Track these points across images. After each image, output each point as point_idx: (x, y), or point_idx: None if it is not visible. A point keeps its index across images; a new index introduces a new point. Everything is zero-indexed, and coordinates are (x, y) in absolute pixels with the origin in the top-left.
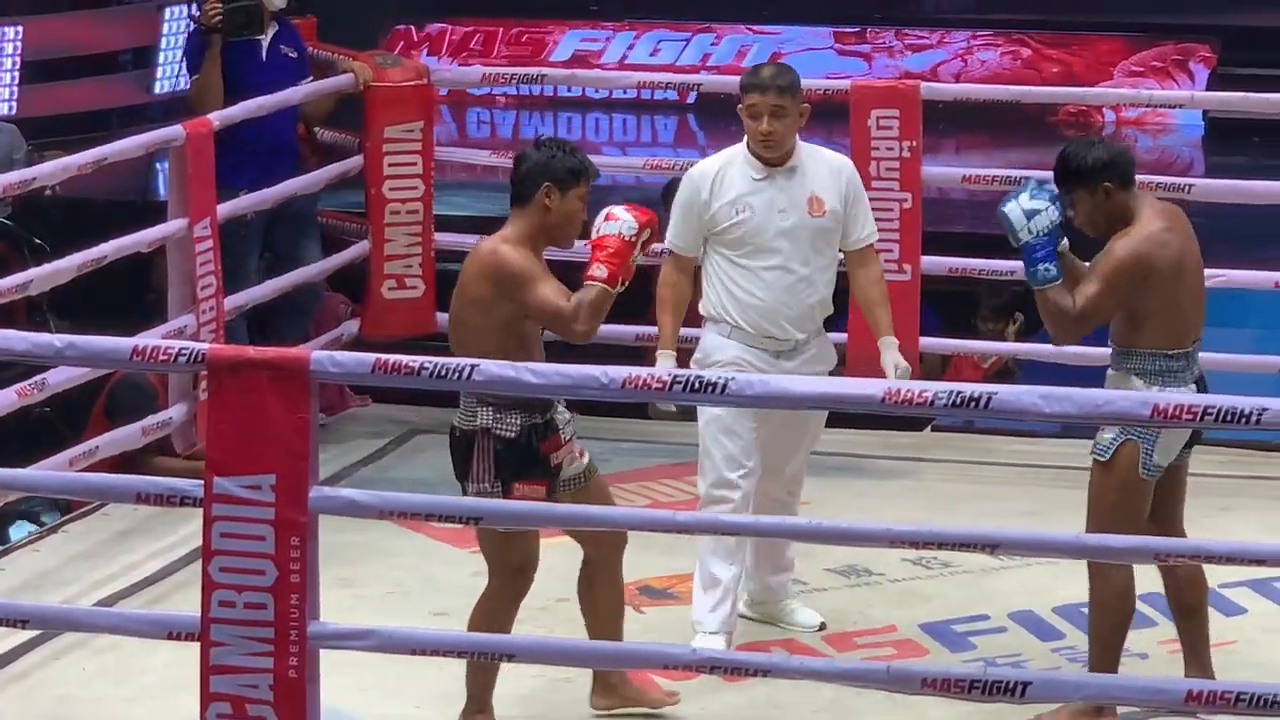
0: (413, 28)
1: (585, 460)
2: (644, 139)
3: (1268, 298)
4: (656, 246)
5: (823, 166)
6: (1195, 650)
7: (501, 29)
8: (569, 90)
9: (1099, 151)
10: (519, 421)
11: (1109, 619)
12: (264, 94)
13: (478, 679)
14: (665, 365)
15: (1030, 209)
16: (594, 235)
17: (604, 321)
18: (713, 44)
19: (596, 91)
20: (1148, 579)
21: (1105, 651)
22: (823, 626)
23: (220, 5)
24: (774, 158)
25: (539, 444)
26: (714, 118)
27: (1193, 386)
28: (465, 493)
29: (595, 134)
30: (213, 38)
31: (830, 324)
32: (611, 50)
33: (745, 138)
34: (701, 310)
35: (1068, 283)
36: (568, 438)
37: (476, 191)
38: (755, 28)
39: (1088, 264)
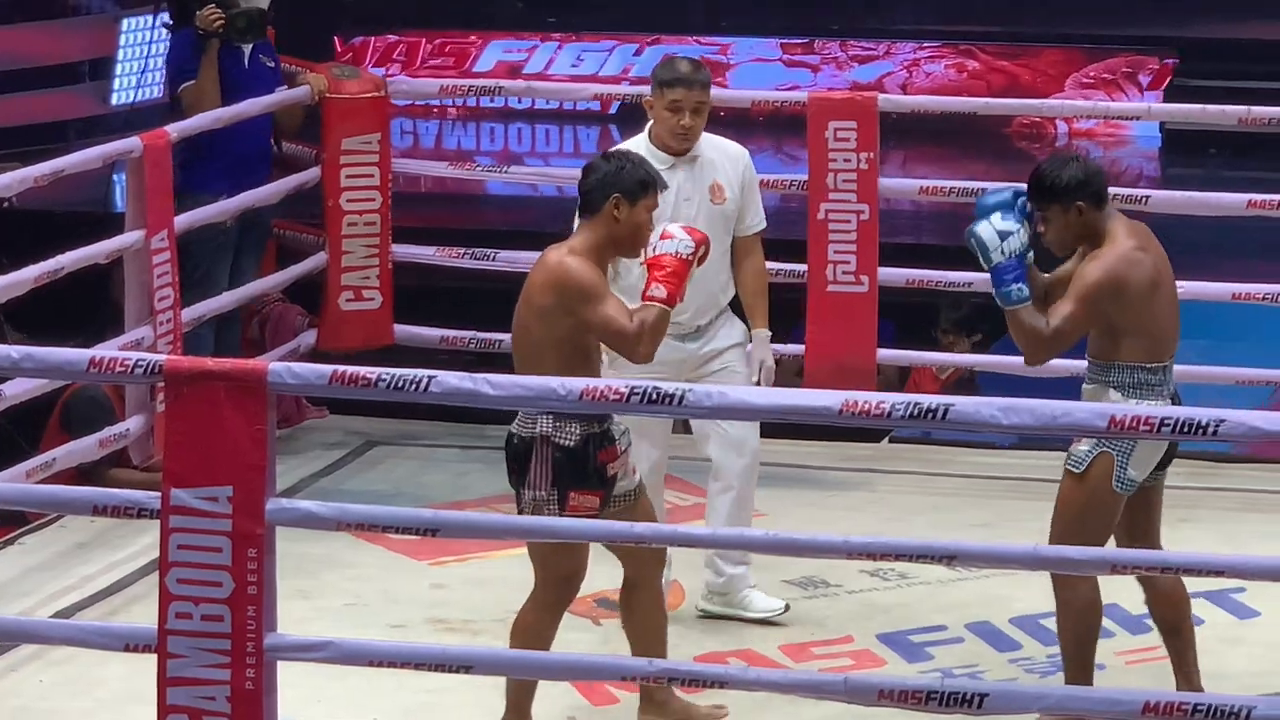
0: (337, 39)
1: (637, 478)
2: (566, 149)
3: (1225, 309)
4: None
5: (721, 155)
6: (1183, 667)
7: (424, 40)
8: (490, 100)
9: (1074, 170)
10: (578, 430)
11: (1076, 631)
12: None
13: (517, 687)
14: None
15: (1003, 230)
16: (651, 254)
17: None
18: (635, 55)
19: (519, 101)
20: (1108, 590)
21: (1073, 663)
22: (786, 608)
23: (220, 10)
24: (685, 149)
25: (597, 453)
26: (637, 127)
27: (1168, 400)
28: (520, 500)
29: (518, 144)
30: (210, 43)
31: (788, 336)
32: (534, 61)
33: (647, 129)
34: None
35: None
36: (624, 449)
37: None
38: (704, 39)
39: (1046, 275)
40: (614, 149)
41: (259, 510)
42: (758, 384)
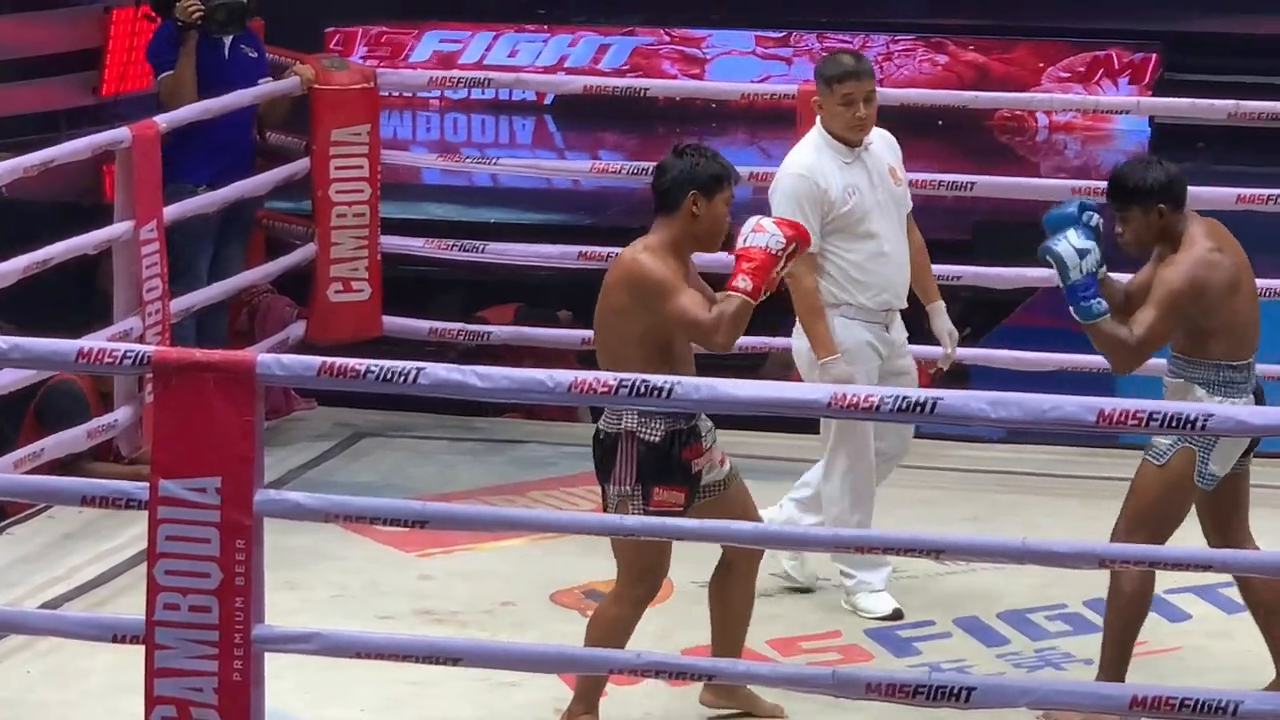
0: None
1: (726, 468)
2: (502, 140)
3: None
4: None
5: (879, 141)
6: None
7: (361, 31)
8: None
9: (1157, 173)
10: (663, 426)
11: (1124, 618)
12: (227, 93)
13: (588, 677)
14: (840, 371)
15: (1081, 248)
16: (740, 245)
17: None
18: (570, 45)
19: (455, 91)
20: (1096, 586)
21: (1115, 648)
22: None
23: (199, 2)
24: (862, 139)
25: (681, 449)
26: (571, 119)
27: (1251, 398)
28: (605, 494)
29: (454, 134)
30: (188, 34)
31: (778, 330)
32: (470, 51)
33: (819, 124)
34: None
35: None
36: (709, 445)
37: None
38: (675, 31)
39: (1122, 282)
40: (794, 152)
41: (247, 501)
42: (950, 354)
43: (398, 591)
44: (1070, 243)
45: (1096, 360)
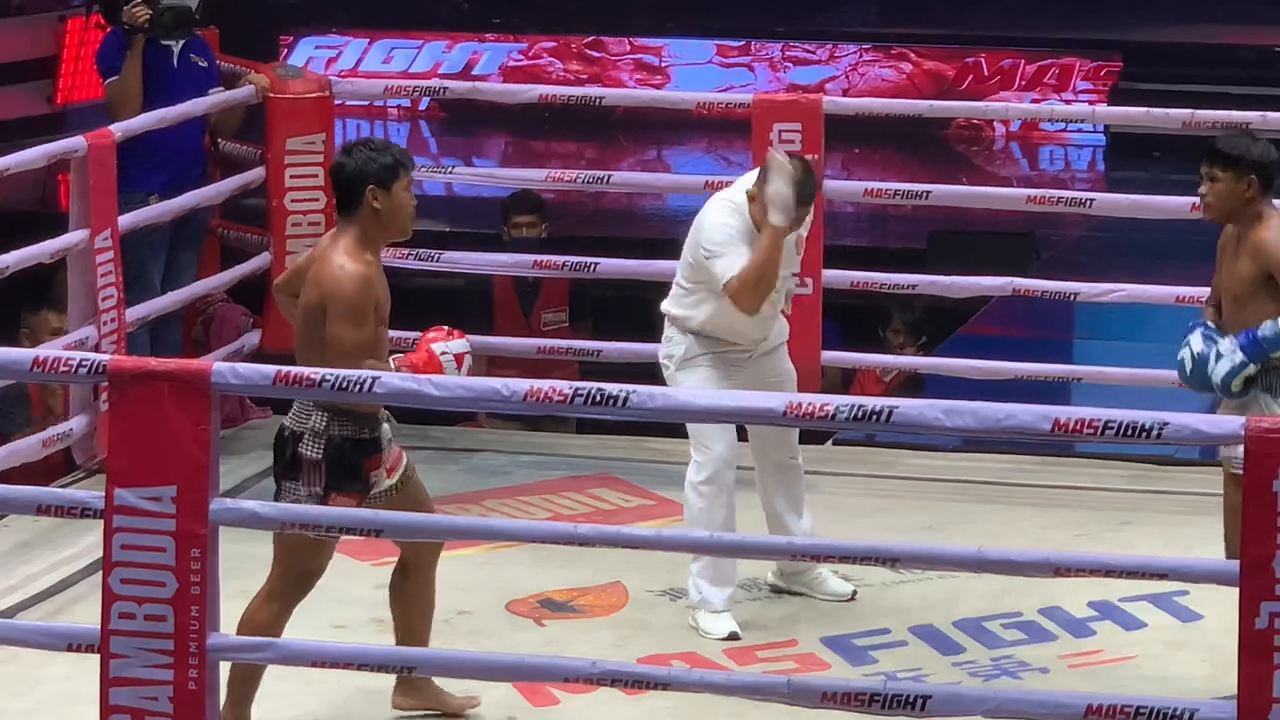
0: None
1: (396, 476)
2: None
3: (1169, 312)
4: None
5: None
6: None
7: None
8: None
9: (1259, 148)
10: (349, 431)
11: None
12: (175, 101)
13: (241, 677)
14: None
15: (1206, 352)
16: (435, 346)
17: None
18: (444, 51)
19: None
20: (1051, 593)
21: None
22: (854, 595)
23: (146, 6)
24: None
25: (362, 458)
26: (445, 126)
27: None
28: (281, 489)
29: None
30: (135, 39)
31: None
32: (345, 58)
33: (745, 196)
34: (685, 318)
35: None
36: (385, 455)
37: None
38: (637, 41)
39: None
40: (717, 196)
41: (202, 510)
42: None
43: (353, 600)
44: (1211, 360)
45: (1052, 368)
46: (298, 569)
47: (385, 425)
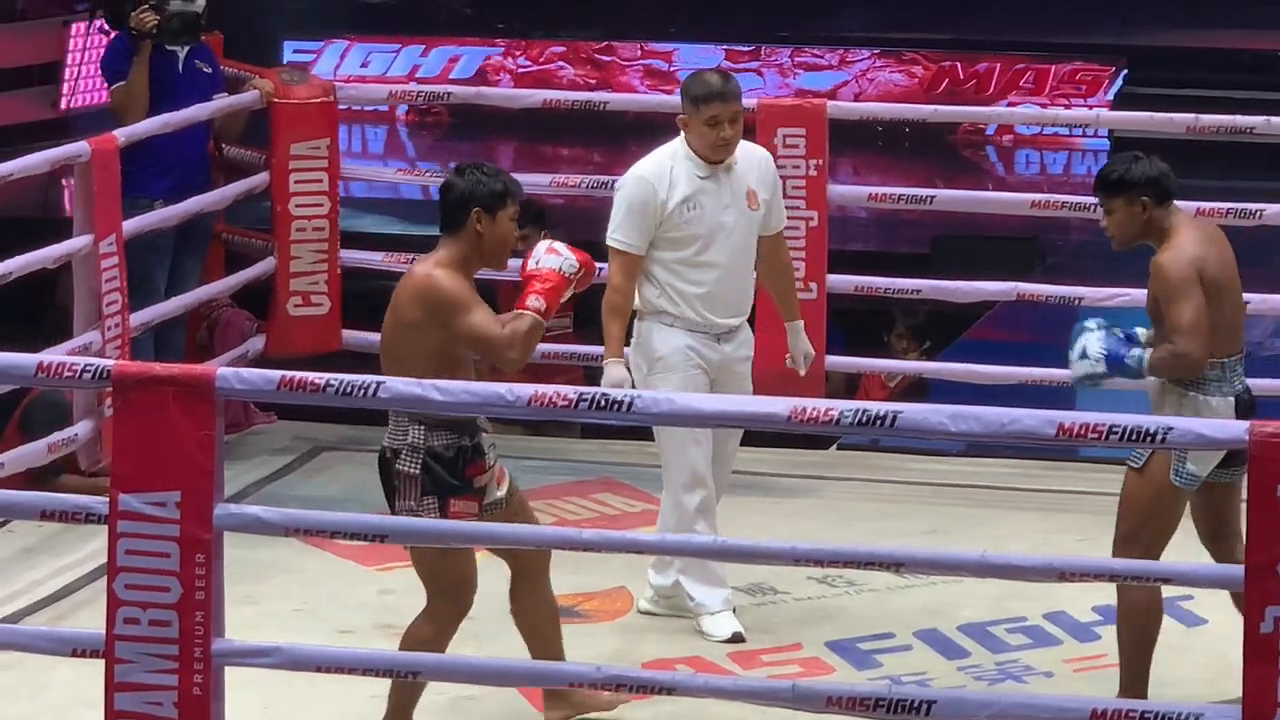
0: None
1: (505, 488)
2: (354, 149)
3: None
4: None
5: (747, 159)
6: None
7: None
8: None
9: (1141, 167)
10: (451, 440)
11: (1133, 634)
12: (180, 106)
13: (400, 694)
14: (617, 374)
15: (1084, 348)
16: (532, 265)
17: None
18: (421, 56)
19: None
20: (1057, 598)
21: (1131, 666)
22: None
23: (153, 12)
24: (725, 159)
25: (466, 465)
26: (423, 130)
27: (1232, 399)
28: (394, 510)
29: None
30: (142, 44)
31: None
32: (323, 62)
33: (683, 138)
34: (639, 306)
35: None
36: (491, 463)
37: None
38: (648, 46)
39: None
40: (650, 154)
41: (207, 516)
42: (802, 375)
43: (358, 605)
44: (1079, 355)
45: (1056, 374)
46: (444, 582)
47: (484, 434)
